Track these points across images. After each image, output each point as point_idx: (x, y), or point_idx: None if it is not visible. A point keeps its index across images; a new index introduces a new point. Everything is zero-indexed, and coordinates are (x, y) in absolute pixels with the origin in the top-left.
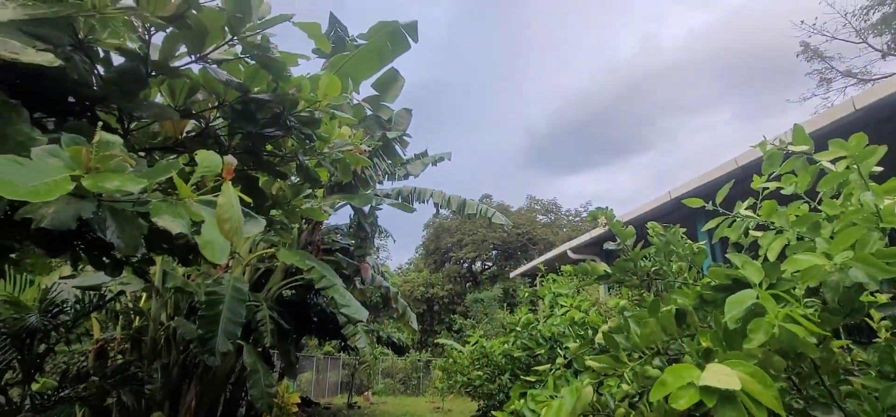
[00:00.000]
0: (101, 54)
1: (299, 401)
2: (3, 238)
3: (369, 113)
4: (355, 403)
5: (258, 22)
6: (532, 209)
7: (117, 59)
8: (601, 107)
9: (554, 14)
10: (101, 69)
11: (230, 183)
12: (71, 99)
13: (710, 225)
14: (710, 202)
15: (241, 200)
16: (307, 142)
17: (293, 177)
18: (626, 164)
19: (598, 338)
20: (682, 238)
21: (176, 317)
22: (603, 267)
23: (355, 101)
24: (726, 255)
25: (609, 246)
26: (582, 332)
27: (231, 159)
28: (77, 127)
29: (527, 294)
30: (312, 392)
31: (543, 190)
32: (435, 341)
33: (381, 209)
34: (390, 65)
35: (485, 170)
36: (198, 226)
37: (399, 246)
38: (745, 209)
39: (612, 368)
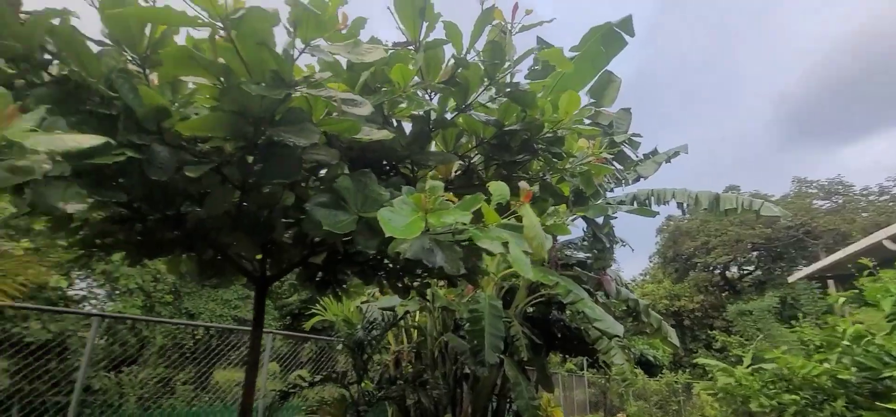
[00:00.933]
0: (395, 124)
1: None
2: (341, 272)
3: (587, 122)
4: None
5: (507, 64)
6: (803, 194)
7: (405, 125)
8: (889, 46)
9: None
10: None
11: (528, 206)
12: (383, 161)
13: None
14: None
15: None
16: (553, 160)
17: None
18: None
19: None
20: None
21: (445, 333)
22: None
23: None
24: None
25: None
26: None
27: (526, 185)
28: (393, 182)
29: (841, 300)
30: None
31: (812, 168)
32: (693, 360)
33: (616, 218)
34: (605, 68)
35: (725, 158)
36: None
37: (628, 256)
38: None
39: None
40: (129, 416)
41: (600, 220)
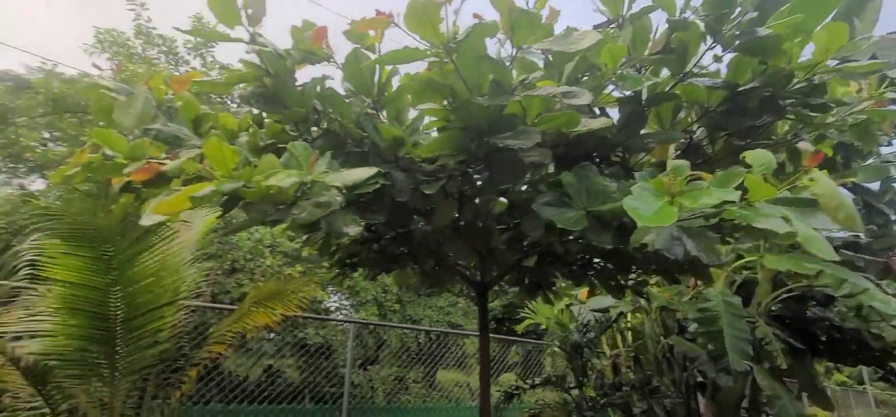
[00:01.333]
0: (598, 112)
1: None
2: (551, 273)
3: (832, 62)
4: None
5: (738, 11)
6: None
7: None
8: None
9: None
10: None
11: (817, 169)
12: (594, 153)
13: None
14: None
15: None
16: (811, 115)
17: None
18: None
19: None
20: None
21: (669, 336)
22: None
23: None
24: None
25: None
26: None
27: (806, 146)
28: (611, 173)
29: None
30: None
31: None
32: None
33: None
34: None
35: None
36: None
37: None
38: None
39: None
40: (380, 407)
41: (875, 186)
